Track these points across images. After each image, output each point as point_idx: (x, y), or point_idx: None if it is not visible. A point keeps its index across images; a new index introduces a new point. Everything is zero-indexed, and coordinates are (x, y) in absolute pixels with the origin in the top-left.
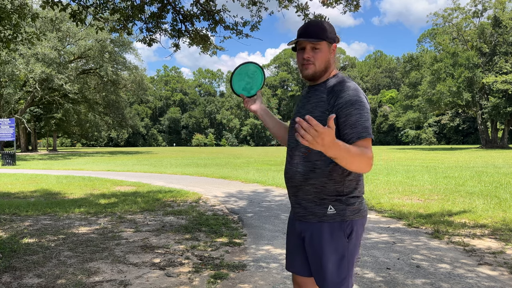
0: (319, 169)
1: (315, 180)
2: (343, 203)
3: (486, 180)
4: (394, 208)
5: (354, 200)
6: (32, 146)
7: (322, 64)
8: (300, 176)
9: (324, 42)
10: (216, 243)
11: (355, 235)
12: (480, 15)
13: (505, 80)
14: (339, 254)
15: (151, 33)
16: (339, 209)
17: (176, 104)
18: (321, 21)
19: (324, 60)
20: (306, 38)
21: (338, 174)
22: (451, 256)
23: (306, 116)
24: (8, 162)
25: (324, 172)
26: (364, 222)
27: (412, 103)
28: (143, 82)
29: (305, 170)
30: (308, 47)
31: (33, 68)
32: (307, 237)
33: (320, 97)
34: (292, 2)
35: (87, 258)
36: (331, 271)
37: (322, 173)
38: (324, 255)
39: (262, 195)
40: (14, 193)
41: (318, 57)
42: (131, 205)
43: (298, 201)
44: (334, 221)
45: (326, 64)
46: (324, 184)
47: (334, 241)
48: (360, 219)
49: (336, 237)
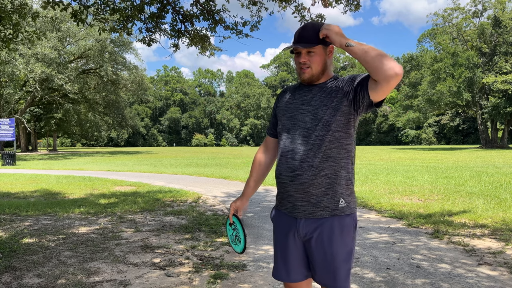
0: (331, 158)
1: (328, 170)
2: (350, 194)
3: (486, 180)
4: (394, 208)
5: (354, 191)
6: (32, 146)
7: (319, 67)
8: (312, 170)
9: (319, 46)
10: (216, 243)
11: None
12: (480, 15)
13: (505, 80)
14: (348, 248)
15: (151, 33)
16: (347, 201)
17: (176, 104)
18: (316, 24)
19: (320, 63)
20: (300, 43)
21: (347, 161)
22: (451, 256)
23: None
24: (8, 162)
25: (336, 159)
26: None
27: (412, 103)
28: (143, 82)
29: (318, 162)
30: (304, 51)
31: (33, 68)
32: (314, 236)
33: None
34: (291, 2)
35: (87, 258)
36: (341, 267)
37: (334, 161)
38: (335, 251)
39: (262, 195)
40: (14, 193)
41: (314, 61)
42: (131, 205)
43: (306, 199)
44: (345, 214)
45: (323, 66)
46: (337, 173)
47: (344, 236)
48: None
49: (347, 231)
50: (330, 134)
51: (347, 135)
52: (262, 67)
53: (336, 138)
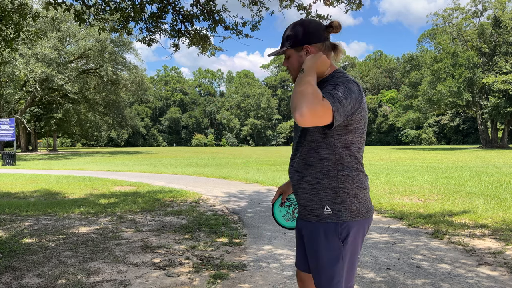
0: (312, 167)
1: (310, 177)
2: (339, 203)
3: (486, 180)
4: (394, 208)
5: (351, 200)
6: (32, 146)
7: (297, 68)
8: (298, 175)
9: (289, 50)
10: (216, 243)
11: (352, 238)
12: (480, 15)
13: (505, 80)
14: (333, 256)
15: (151, 33)
16: (336, 209)
17: (176, 104)
18: (289, 27)
19: (296, 65)
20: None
21: (330, 168)
22: (451, 256)
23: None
24: (8, 162)
25: (316, 167)
26: (365, 222)
27: (412, 103)
28: (143, 82)
29: (301, 168)
30: (285, 56)
31: (33, 68)
32: (305, 235)
33: None
34: (293, 2)
35: (87, 258)
36: (324, 270)
37: (315, 169)
38: (319, 255)
39: (262, 195)
40: (14, 193)
41: (290, 63)
42: (131, 205)
43: (298, 200)
44: (330, 222)
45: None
46: (319, 181)
47: (329, 243)
48: (359, 220)
49: (331, 240)
50: (306, 143)
51: (324, 145)
52: (262, 67)
53: (313, 148)
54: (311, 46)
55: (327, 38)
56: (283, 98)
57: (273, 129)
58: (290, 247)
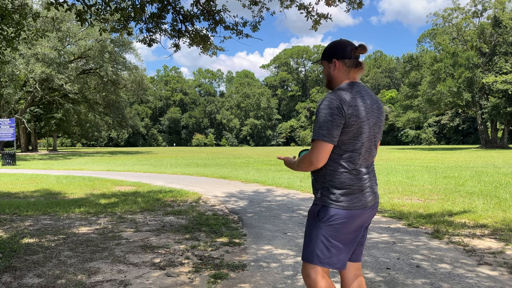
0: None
1: (313, 173)
2: (326, 192)
3: (486, 180)
4: (394, 208)
5: (334, 191)
6: (32, 146)
7: (326, 77)
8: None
9: (323, 61)
10: (216, 243)
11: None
12: (480, 15)
13: (505, 80)
14: (308, 228)
15: (151, 33)
16: (323, 195)
17: (176, 104)
18: (330, 44)
19: (326, 74)
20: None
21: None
22: (451, 256)
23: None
24: (8, 162)
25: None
26: (346, 214)
27: (412, 103)
28: (143, 82)
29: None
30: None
31: (33, 68)
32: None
33: None
34: (294, 1)
35: (87, 258)
36: (304, 241)
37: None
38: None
39: (262, 195)
40: (14, 193)
41: (324, 71)
42: (131, 205)
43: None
44: (317, 204)
45: (328, 77)
46: (315, 176)
47: (310, 219)
48: (339, 209)
49: (312, 216)
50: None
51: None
52: (262, 67)
53: None
54: (338, 61)
55: (355, 56)
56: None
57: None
58: (290, 247)
